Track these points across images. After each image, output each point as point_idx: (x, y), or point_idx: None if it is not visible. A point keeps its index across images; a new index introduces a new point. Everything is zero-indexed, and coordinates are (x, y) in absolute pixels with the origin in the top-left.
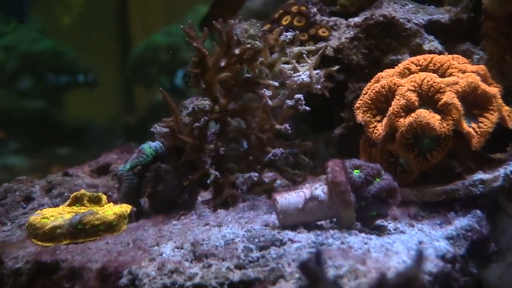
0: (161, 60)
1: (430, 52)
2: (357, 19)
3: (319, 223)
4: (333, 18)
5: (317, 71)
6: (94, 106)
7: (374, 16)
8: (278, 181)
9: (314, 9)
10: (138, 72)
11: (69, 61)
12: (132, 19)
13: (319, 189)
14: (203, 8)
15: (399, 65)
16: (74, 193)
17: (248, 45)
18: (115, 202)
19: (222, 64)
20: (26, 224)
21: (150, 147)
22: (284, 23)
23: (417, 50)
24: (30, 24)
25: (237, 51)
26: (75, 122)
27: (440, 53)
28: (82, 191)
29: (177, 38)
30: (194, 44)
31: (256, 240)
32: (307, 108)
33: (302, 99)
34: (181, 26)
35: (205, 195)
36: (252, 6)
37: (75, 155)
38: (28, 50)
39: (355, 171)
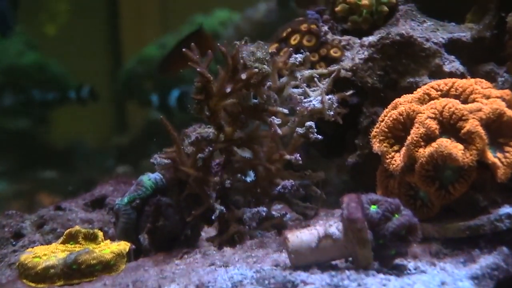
0: (154, 74)
1: (450, 73)
2: (371, 38)
3: (333, 263)
4: (346, 37)
5: (330, 96)
6: (82, 125)
7: (390, 35)
8: (288, 215)
9: (325, 28)
10: (131, 87)
11: (56, 75)
12: (124, 30)
13: (334, 226)
14: (200, 18)
15: (418, 90)
16: (68, 230)
17: (256, 69)
18: (112, 239)
19: (228, 89)
20: (17, 264)
21: (149, 179)
22: (292, 42)
23: (437, 72)
24: (15, 36)
25: (243, 76)
26: (62, 143)
27: (462, 74)
28: (77, 227)
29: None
30: (198, 69)
31: (266, 282)
32: (319, 136)
33: (314, 126)
34: (184, 50)
35: (209, 231)
36: (255, 16)
37: (62, 179)
38: (12, 64)
39: (372, 206)
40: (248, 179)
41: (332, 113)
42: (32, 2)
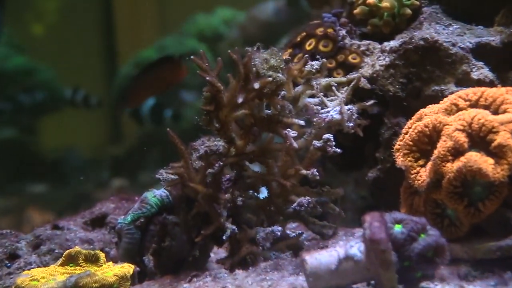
0: None
1: (479, 81)
2: (393, 43)
3: (355, 286)
4: (365, 42)
5: (349, 106)
6: (74, 134)
7: (413, 40)
8: (304, 235)
9: (343, 32)
10: (126, 93)
11: (45, 80)
12: (119, 31)
13: (355, 247)
14: (202, 18)
15: (445, 100)
16: (68, 251)
17: (269, 77)
18: (115, 261)
19: (240, 100)
20: (13, 287)
21: (154, 196)
22: (308, 48)
23: (464, 79)
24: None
25: (256, 85)
26: (53, 153)
27: (491, 82)
28: (77, 248)
29: (173, 53)
30: (207, 78)
31: None
32: (338, 150)
33: (332, 139)
34: (192, 57)
35: (219, 252)
36: (261, 16)
37: (53, 193)
38: None
39: (397, 226)
40: (261, 196)
41: (351, 124)
42: (17, 1)
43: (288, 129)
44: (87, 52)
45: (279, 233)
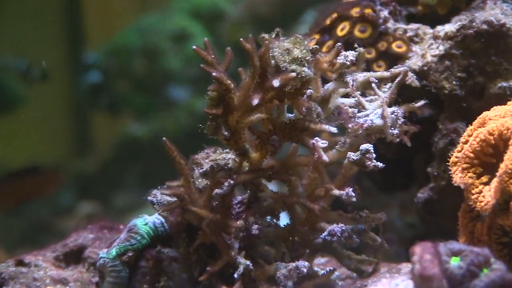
0: (135, 71)
1: None
2: (448, 28)
3: None
4: (413, 26)
5: (393, 108)
6: (27, 144)
7: (474, 24)
8: (336, 273)
9: (385, 12)
10: (98, 90)
11: None
12: (88, 9)
13: (401, 286)
14: None
15: None
16: None
17: (292, 73)
18: None
19: (255, 101)
20: None
21: (146, 223)
22: (340, 34)
23: None
24: None
25: (276, 83)
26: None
27: None
28: None
29: (158, 35)
30: (214, 74)
31: None
32: (379, 164)
33: (372, 150)
34: (194, 47)
35: None
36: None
37: (3, 221)
38: None
39: (453, 259)
40: (282, 224)
41: (396, 131)
42: None
43: (316, 138)
44: (46, 36)
45: (305, 270)
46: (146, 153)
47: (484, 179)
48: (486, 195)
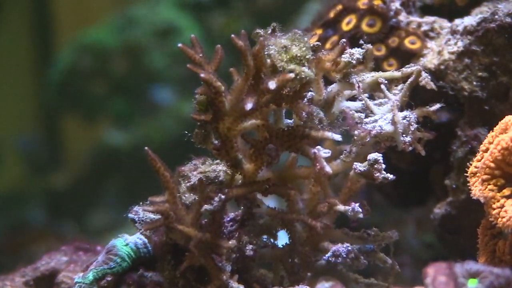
0: (112, 71)
1: None
2: (468, 21)
3: None
4: (429, 19)
5: (405, 113)
6: None
7: (497, 16)
8: None
9: (396, 4)
10: (69, 92)
11: None
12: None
13: None
14: None
15: None
16: None
17: (291, 73)
18: None
19: (249, 106)
20: None
21: (126, 244)
22: (345, 28)
23: None
24: None
25: (272, 85)
26: None
27: None
28: None
29: (140, 30)
30: (202, 75)
31: None
32: (390, 176)
33: (381, 161)
34: (179, 44)
35: None
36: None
37: None
38: None
39: (471, 281)
40: (280, 244)
41: (409, 139)
42: None
43: (318, 146)
44: (8, 32)
45: None
46: (126, 165)
47: (507, 191)
48: (508, 210)
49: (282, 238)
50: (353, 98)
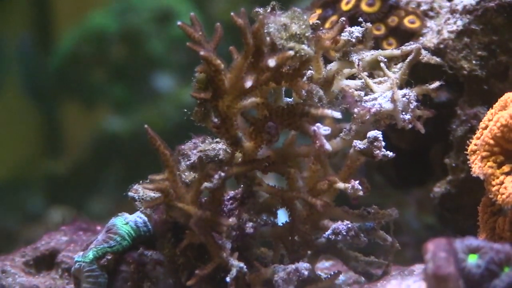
0: (112, 58)
1: None
2: (467, 0)
3: None
4: None
5: (405, 91)
6: None
7: None
8: (341, 277)
9: None
10: (70, 80)
11: None
12: None
13: (414, 287)
14: None
15: None
16: None
17: (290, 51)
18: None
19: (248, 83)
20: None
21: (126, 223)
22: (345, 8)
23: None
24: None
25: (271, 62)
26: None
27: None
28: None
29: (139, 16)
30: (202, 53)
31: None
32: (389, 153)
33: (381, 138)
34: (179, 22)
35: None
36: None
37: None
38: None
39: (471, 256)
40: (280, 222)
41: (408, 117)
42: None
43: (318, 124)
44: (7, 19)
45: (306, 273)
46: (126, 152)
47: (506, 168)
48: (508, 187)
49: (282, 216)
50: (352, 77)
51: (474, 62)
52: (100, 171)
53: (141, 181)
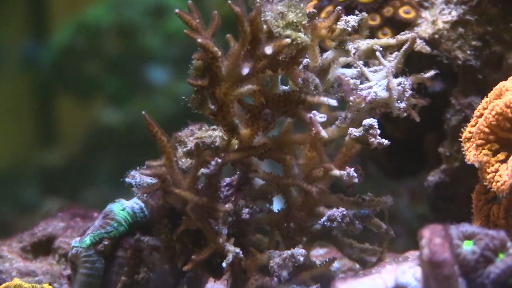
0: (108, 50)
1: None
2: None
3: None
4: None
5: (400, 79)
6: None
7: None
8: (336, 264)
9: None
10: (65, 72)
11: None
12: None
13: (409, 273)
14: None
15: None
16: (4, 285)
17: (287, 39)
18: None
19: (245, 71)
20: None
21: (123, 208)
22: None
23: None
24: None
25: (268, 50)
26: None
27: None
28: (16, 280)
29: (134, 9)
30: (199, 40)
31: None
32: (385, 141)
33: (376, 126)
34: (176, 10)
35: (217, 287)
36: None
37: None
38: None
39: (466, 243)
40: (276, 208)
41: (403, 105)
42: None
43: (314, 111)
44: (3, 12)
45: (301, 259)
46: (120, 144)
47: (501, 156)
48: (503, 174)
49: (278, 203)
50: (348, 65)
51: (468, 52)
52: (95, 163)
53: (138, 167)
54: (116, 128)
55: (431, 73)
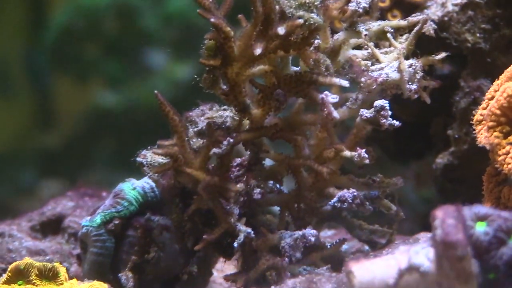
0: (106, 32)
1: None
2: None
3: None
4: None
5: (411, 61)
6: None
7: None
8: (344, 245)
9: None
10: (64, 54)
11: None
12: None
13: (421, 253)
14: None
15: None
16: (14, 264)
17: (299, 19)
18: (79, 279)
19: (257, 51)
20: None
21: (134, 188)
22: None
23: None
24: None
25: (281, 30)
26: None
27: None
28: (27, 259)
29: None
30: (212, 20)
31: None
32: (396, 122)
33: (387, 107)
34: None
35: (226, 268)
36: None
37: None
38: None
39: (479, 224)
40: (286, 189)
41: (414, 87)
42: None
43: (326, 92)
44: None
45: (312, 239)
46: (119, 127)
47: None
48: None
49: (289, 184)
50: (359, 47)
51: (478, 35)
52: (93, 145)
53: (149, 147)
54: (114, 111)
55: (443, 55)
